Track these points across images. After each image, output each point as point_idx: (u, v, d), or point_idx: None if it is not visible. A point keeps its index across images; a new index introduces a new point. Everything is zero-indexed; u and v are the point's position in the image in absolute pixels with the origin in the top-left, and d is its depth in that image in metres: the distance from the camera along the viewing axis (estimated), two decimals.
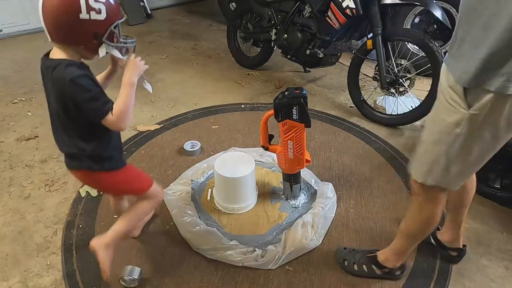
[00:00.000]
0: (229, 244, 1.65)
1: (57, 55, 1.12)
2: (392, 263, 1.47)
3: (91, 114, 1.12)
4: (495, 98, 0.92)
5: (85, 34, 1.08)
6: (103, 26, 1.08)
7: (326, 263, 1.61)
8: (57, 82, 1.09)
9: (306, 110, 1.58)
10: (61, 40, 1.10)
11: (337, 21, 2.50)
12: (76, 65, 1.11)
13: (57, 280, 1.57)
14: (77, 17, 1.03)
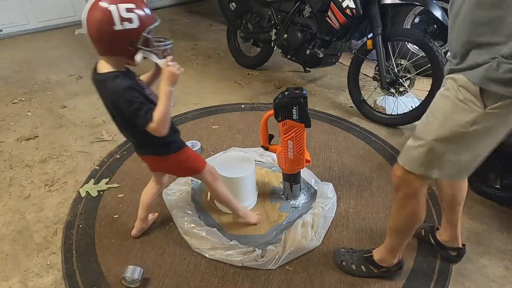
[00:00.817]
0: (229, 244, 1.65)
1: (104, 68, 1.22)
2: (388, 262, 1.48)
3: (136, 124, 1.24)
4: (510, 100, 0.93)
5: (122, 43, 1.16)
6: (137, 34, 1.16)
7: (326, 263, 1.61)
8: (107, 94, 1.23)
9: (306, 110, 1.58)
10: (105, 53, 1.21)
11: (337, 21, 2.50)
12: (121, 76, 1.22)
13: (57, 280, 1.57)
14: (112, 30, 1.12)
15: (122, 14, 1.11)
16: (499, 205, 1.91)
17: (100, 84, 1.24)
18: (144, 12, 1.16)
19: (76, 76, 3.41)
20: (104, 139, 2.49)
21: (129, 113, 1.22)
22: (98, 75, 1.23)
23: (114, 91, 1.20)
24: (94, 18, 1.12)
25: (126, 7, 1.12)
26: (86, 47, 4.09)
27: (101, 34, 1.14)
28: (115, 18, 1.11)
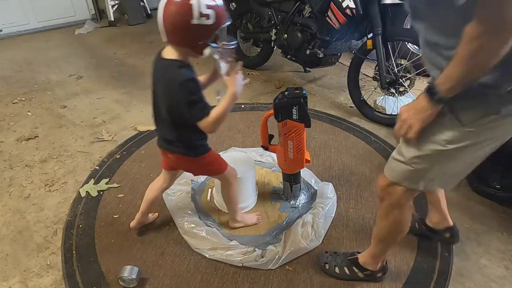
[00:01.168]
0: (229, 244, 1.65)
1: (170, 55, 1.25)
2: (372, 266, 1.48)
3: (188, 115, 1.24)
4: (489, 118, 0.92)
5: (194, 37, 1.19)
6: (211, 30, 1.19)
7: None
8: (168, 79, 1.23)
9: (306, 110, 1.58)
10: (175, 42, 1.23)
11: (337, 21, 2.50)
12: (186, 67, 1.24)
13: (57, 280, 1.57)
14: (189, 22, 1.14)
15: (202, 9, 1.13)
16: (499, 205, 1.91)
17: (162, 68, 1.25)
18: (221, 11, 1.19)
19: (76, 76, 3.41)
20: (104, 139, 2.49)
21: (185, 103, 1.22)
22: (163, 60, 1.25)
23: (176, 78, 1.21)
24: (174, 7, 1.13)
25: (207, 3, 1.14)
26: (86, 47, 4.09)
27: (177, 24, 1.16)
28: (195, 12, 1.12)
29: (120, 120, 2.72)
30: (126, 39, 4.31)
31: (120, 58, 3.81)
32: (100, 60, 3.76)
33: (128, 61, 3.74)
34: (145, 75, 3.44)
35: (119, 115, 2.79)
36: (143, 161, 2.25)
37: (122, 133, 2.55)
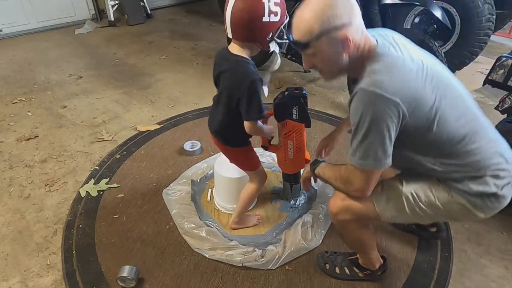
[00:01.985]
0: (229, 244, 1.65)
1: (235, 50, 1.29)
2: (371, 266, 1.49)
3: (245, 110, 1.31)
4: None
5: (263, 33, 1.23)
6: (277, 26, 1.23)
7: None
8: (238, 75, 1.28)
9: (306, 110, 1.58)
10: (242, 38, 1.25)
11: None
12: (254, 66, 1.31)
13: (57, 280, 1.57)
14: (260, 20, 1.18)
15: (272, 7, 1.18)
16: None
17: (234, 63, 1.29)
18: (284, 7, 1.23)
19: (76, 76, 3.41)
20: (104, 139, 2.49)
21: (249, 99, 1.28)
22: (233, 55, 1.29)
23: (249, 76, 1.26)
24: (245, 5, 1.16)
25: (275, 1, 1.18)
26: (86, 47, 4.09)
27: (247, 21, 1.18)
28: (266, 10, 1.17)
29: (120, 120, 2.72)
30: (126, 39, 4.31)
31: (120, 58, 3.81)
32: (100, 60, 3.76)
33: (128, 61, 3.74)
34: (145, 75, 3.44)
35: (119, 115, 2.79)
36: (143, 161, 2.25)
37: (122, 133, 2.55)
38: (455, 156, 1.09)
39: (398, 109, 1.00)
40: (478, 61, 3.35)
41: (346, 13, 1.02)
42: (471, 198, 1.10)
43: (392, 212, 1.22)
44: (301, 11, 1.06)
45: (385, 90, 0.99)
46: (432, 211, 1.16)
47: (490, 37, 2.98)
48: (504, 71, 1.96)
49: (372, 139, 1.03)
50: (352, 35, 1.03)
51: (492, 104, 2.82)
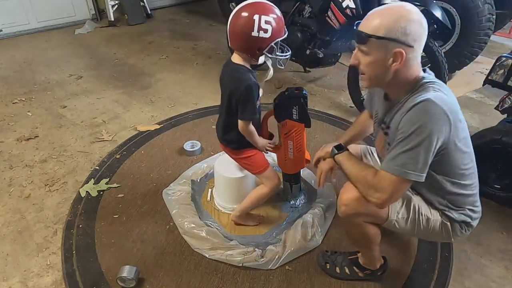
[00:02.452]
0: (229, 244, 1.65)
1: (236, 59, 1.45)
2: (371, 266, 1.49)
3: (240, 111, 1.45)
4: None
5: (252, 46, 1.37)
6: (267, 42, 1.36)
7: None
8: (238, 79, 1.42)
9: (306, 110, 1.58)
10: (236, 48, 1.42)
11: (337, 21, 2.50)
12: (251, 72, 1.45)
13: (57, 280, 1.57)
14: (250, 34, 1.33)
15: (262, 24, 1.31)
16: (499, 205, 1.91)
17: (232, 70, 1.45)
18: (278, 26, 1.35)
19: (76, 76, 3.41)
20: (104, 139, 2.49)
21: (244, 101, 1.42)
22: (233, 63, 1.45)
23: (246, 81, 1.40)
24: (240, 19, 1.33)
25: (266, 19, 1.32)
26: (86, 47, 4.09)
27: (239, 34, 1.35)
28: (255, 26, 1.31)
29: (120, 120, 2.72)
30: (126, 39, 4.31)
31: (120, 58, 3.80)
32: (100, 60, 3.76)
33: (128, 61, 3.74)
34: (145, 75, 3.44)
35: (119, 115, 2.79)
36: (143, 161, 2.25)
37: (122, 133, 2.55)
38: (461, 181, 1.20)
39: (449, 128, 1.06)
40: (478, 61, 3.35)
41: (414, 36, 1.05)
42: (454, 223, 1.26)
43: (399, 216, 1.25)
44: (381, 8, 1.09)
45: (448, 108, 1.05)
46: (423, 226, 1.26)
47: (490, 37, 2.98)
48: (504, 71, 1.96)
49: (420, 150, 1.05)
50: (407, 56, 1.07)
51: (492, 104, 2.82)
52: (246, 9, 1.33)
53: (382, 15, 1.07)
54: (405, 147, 1.07)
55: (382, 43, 1.07)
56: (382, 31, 1.06)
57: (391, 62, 1.08)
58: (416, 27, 1.05)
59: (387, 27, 1.05)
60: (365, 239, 1.37)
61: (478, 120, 2.72)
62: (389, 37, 1.05)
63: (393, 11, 1.07)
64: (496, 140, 1.78)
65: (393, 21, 1.04)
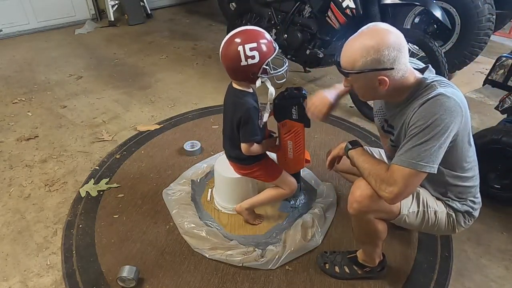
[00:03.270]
0: (229, 244, 1.65)
1: (236, 85, 1.51)
2: (370, 263, 1.50)
3: (241, 133, 1.52)
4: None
5: (245, 74, 1.41)
6: (258, 66, 1.39)
7: None
8: (238, 103, 1.48)
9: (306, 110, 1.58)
10: (232, 78, 1.49)
11: (337, 21, 2.50)
12: (250, 96, 1.50)
13: (57, 280, 1.57)
14: (239, 65, 1.37)
15: (247, 53, 1.35)
16: (499, 205, 1.91)
17: (233, 95, 1.51)
18: (265, 48, 1.37)
19: (76, 76, 3.41)
20: (104, 139, 2.49)
21: (243, 123, 1.48)
22: (234, 88, 1.51)
23: (245, 105, 1.46)
24: (227, 54, 1.38)
25: (250, 46, 1.34)
26: (86, 47, 4.09)
27: (230, 66, 1.40)
28: (242, 57, 1.35)
29: (120, 120, 2.72)
30: (126, 39, 4.31)
31: (120, 58, 3.81)
32: (100, 60, 3.76)
33: (128, 61, 3.74)
34: (145, 75, 3.44)
35: (119, 115, 2.79)
36: (143, 161, 2.25)
37: (122, 133, 2.55)
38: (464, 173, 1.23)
39: (462, 120, 1.09)
40: (478, 61, 3.35)
41: (391, 59, 1.07)
42: (458, 214, 1.29)
43: (410, 210, 1.27)
44: (354, 41, 1.11)
45: (460, 101, 1.08)
46: (431, 219, 1.29)
47: (490, 37, 2.98)
48: (504, 71, 1.96)
49: (435, 143, 1.07)
50: (391, 78, 1.10)
51: (492, 104, 2.82)
52: (230, 43, 1.37)
53: (355, 49, 1.09)
54: (419, 140, 1.08)
55: (361, 75, 1.11)
56: (359, 66, 1.09)
57: (378, 85, 1.12)
58: (389, 51, 1.06)
59: (361, 61, 1.08)
60: (373, 235, 1.35)
61: (478, 120, 2.72)
62: (366, 69, 1.09)
63: (364, 42, 1.08)
64: (496, 140, 1.78)
65: (366, 54, 1.07)
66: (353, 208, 1.25)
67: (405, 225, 1.32)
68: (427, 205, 1.28)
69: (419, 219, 1.29)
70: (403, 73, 1.11)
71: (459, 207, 1.28)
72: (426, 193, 1.31)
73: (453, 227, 1.31)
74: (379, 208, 1.24)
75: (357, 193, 1.23)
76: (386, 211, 1.26)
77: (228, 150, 1.67)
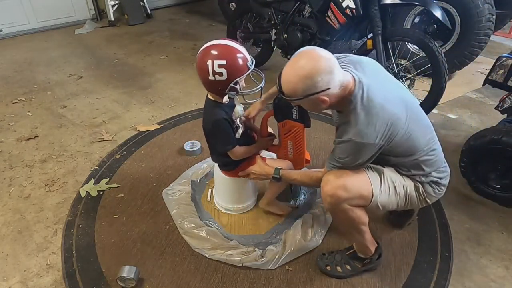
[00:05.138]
0: (229, 244, 1.65)
1: (210, 95, 1.54)
2: (367, 251, 1.52)
3: (216, 146, 1.60)
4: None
5: (214, 88, 1.45)
6: (225, 84, 1.41)
7: None
8: (206, 115, 1.55)
9: (306, 110, 1.58)
10: (205, 88, 1.50)
11: (337, 21, 2.50)
12: (219, 107, 1.51)
13: (57, 280, 1.57)
14: (207, 78, 1.40)
15: (215, 69, 1.37)
16: (499, 205, 1.91)
17: (206, 105, 1.57)
18: (235, 67, 1.39)
19: (76, 76, 3.41)
20: (104, 139, 2.49)
21: (214, 137, 1.56)
22: (207, 98, 1.56)
23: (211, 117, 1.50)
24: (198, 65, 1.41)
25: (219, 63, 1.36)
26: (86, 47, 4.09)
27: (201, 77, 1.43)
28: (210, 71, 1.37)
29: (120, 120, 2.72)
30: (126, 39, 4.31)
31: (120, 58, 3.81)
32: (100, 60, 3.76)
33: (128, 61, 3.74)
34: (145, 75, 3.44)
35: (119, 115, 2.79)
36: (143, 161, 2.25)
37: (122, 133, 2.55)
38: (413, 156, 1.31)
39: (380, 147, 1.23)
40: (478, 61, 3.35)
41: (325, 80, 1.16)
42: (425, 185, 1.36)
43: (381, 189, 1.33)
44: (290, 69, 1.21)
45: (367, 139, 1.20)
46: (402, 194, 1.36)
47: (490, 37, 2.98)
48: (504, 71, 1.96)
49: (352, 168, 1.31)
50: (330, 95, 1.20)
51: (492, 104, 2.82)
52: (203, 54, 1.39)
53: (291, 79, 1.19)
54: (339, 162, 1.31)
55: (304, 100, 1.21)
56: (299, 94, 1.20)
57: (320, 103, 1.21)
58: (322, 76, 1.15)
59: (300, 89, 1.18)
60: (354, 223, 1.39)
61: (478, 120, 2.72)
62: (306, 95, 1.19)
63: (298, 73, 1.17)
64: (496, 140, 1.78)
65: (302, 82, 1.17)
66: (328, 202, 1.33)
67: (381, 209, 1.38)
68: (394, 182, 1.35)
69: (392, 196, 1.35)
70: (339, 86, 1.20)
71: (424, 179, 1.35)
72: (391, 171, 1.37)
73: (424, 198, 1.38)
74: (351, 195, 1.30)
75: (327, 187, 1.31)
76: (359, 196, 1.31)
77: (215, 158, 1.72)
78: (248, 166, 1.66)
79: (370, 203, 1.34)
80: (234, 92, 1.45)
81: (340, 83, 1.19)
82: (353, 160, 1.26)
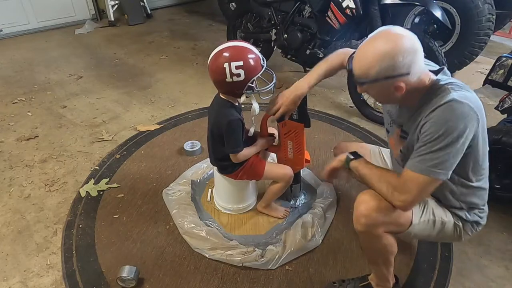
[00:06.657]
0: (229, 244, 1.65)
1: (222, 95, 1.53)
2: (386, 285, 1.42)
3: (226, 145, 1.55)
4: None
5: (231, 89, 1.46)
6: (243, 84, 1.42)
7: (326, 263, 1.61)
8: (221, 114, 1.52)
9: (306, 110, 1.58)
10: (219, 91, 1.52)
11: (337, 21, 2.50)
12: (234, 108, 1.53)
13: (57, 280, 1.57)
14: (224, 81, 1.40)
15: (233, 70, 1.37)
16: (499, 205, 1.91)
17: (218, 104, 1.56)
18: (251, 67, 1.39)
19: (76, 76, 3.41)
20: (104, 139, 2.49)
21: (226, 136, 1.52)
22: (220, 98, 1.54)
23: (227, 116, 1.49)
24: (214, 69, 1.42)
25: (236, 65, 1.37)
26: (86, 47, 4.09)
27: (216, 80, 1.44)
28: (227, 73, 1.38)
29: (120, 120, 2.72)
30: (126, 39, 4.31)
31: (120, 58, 3.81)
32: (100, 60, 3.76)
33: (128, 61, 3.74)
34: (145, 75, 3.44)
35: (119, 115, 2.79)
36: (143, 161, 2.25)
37: (122, 133, 2.55)
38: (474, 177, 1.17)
39: (477, 126, 1.04)
40: (478, 61, 3.35)
41: (406, 64, 1.02)
42: (466, 224, 1.24)
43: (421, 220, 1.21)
44: (367, 46, 1.07)
45: (474, 106, 1.03)
46: (438, 230, 1.24)
47: (490, 37, 2.98)
48: (504, 71, 1.96)
49: (450, 149, 1.03)
50: (407, 83, 1.05)
51: (492, 104, 2.82)
52: (217, 57, 1.40)
53: (368, 56, 1.05)
54: (435, 147, 1.04)
55: (377, 83, 1.07)
56: (373, 74, 1.05)
57: (394, 91, 1.08)
58: (403, 57, 1.01)
59: (376, 68, 1.03)
60: (384, 251, 1.28)
61: None
62: (381, 77, 1.04)
63: (377, 49, 1.03)
64: (496, 140, 1.78)
65: (380, 60, 1.02)
66: (361, 224, 1.18)
67: (411, 236, 1.28)
68: (435, 215, 1.23)
69: (427, 229, 1.23)
70: (418, 75, 1.06)
71: (468, 217, 1.23)
72: (434, 203, 1.26)
73: (459, 236, 1.26)
74: (388, 220, 1.17)
75: (362, 207, 1.18)
76: (396, 222, 1.19)
77: (211, 159, 1.72)
78: (244, 170, 1.65)
79: (405, 231, 1.22)
80: (250, 91, 1.45)
81: (420, 71, 1.06)
82: (450, 140, 1.01)
